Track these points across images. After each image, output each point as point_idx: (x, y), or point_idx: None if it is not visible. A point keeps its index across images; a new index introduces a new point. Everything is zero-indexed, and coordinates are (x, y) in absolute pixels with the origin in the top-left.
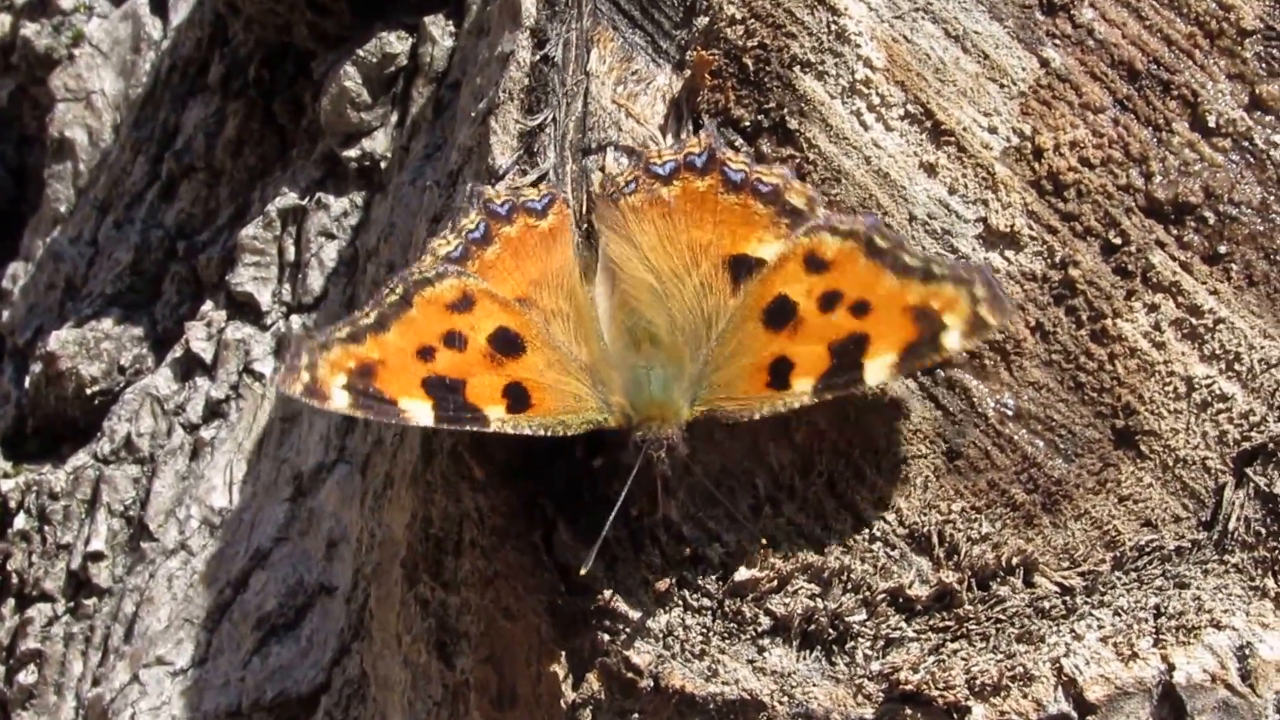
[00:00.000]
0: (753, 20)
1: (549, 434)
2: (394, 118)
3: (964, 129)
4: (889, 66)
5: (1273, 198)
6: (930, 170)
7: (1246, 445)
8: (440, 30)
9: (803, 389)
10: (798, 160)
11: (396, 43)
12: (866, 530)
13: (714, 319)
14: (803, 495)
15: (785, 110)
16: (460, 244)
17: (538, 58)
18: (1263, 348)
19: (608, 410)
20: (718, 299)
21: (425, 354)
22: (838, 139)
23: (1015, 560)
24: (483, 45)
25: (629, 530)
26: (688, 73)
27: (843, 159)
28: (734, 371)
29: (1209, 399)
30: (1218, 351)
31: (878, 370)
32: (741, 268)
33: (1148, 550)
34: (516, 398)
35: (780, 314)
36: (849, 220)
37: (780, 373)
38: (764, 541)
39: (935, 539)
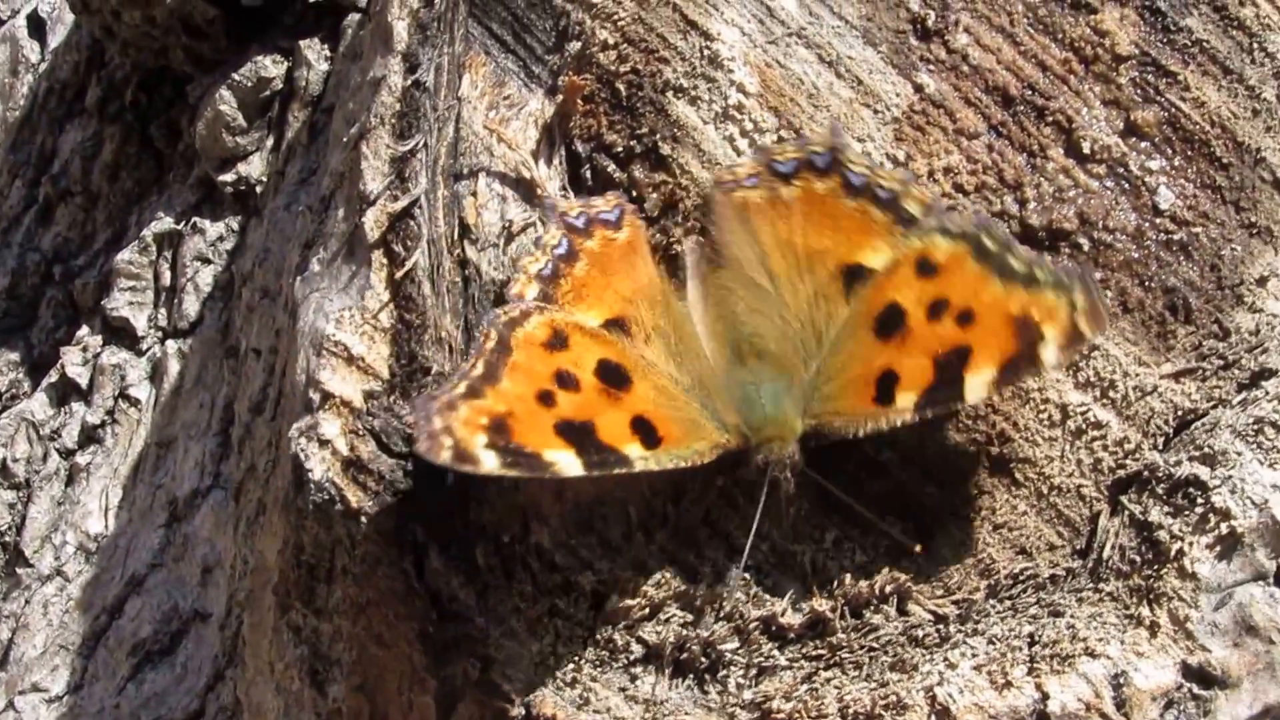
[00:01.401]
0: (625, 45)
1: (690, 465)
2: (269, 142)
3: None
4: (762, 92)
5: (1147, 224)
6: None
7: (1121, 473)
8: (316, 54)
9: (905, 405)
10: (671, 186)
11: (272, 66)
12: (739, 558)
13: (826, 329)
14: (675, 523)
15: (658, 136)
16: (549, 260)
17: (409, 83)
18: (1137, 375)
19: (726, 432)
20: (830, 308)
21: (545, 399)
22: (711, 165)
23: (889, 588)
24: (355, 70)
25: (500, 558)
26: (560, 98)
27: None
28: (843, 384)
29: (1083, 426)
30: (1092, 379)
31: (977, 386)
32: (856, 277)
33: (1022, 578)
34: (645, 432)
35: (890, 323)
36: (960, 220)
37: (886, 387)
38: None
39: (809, 567)
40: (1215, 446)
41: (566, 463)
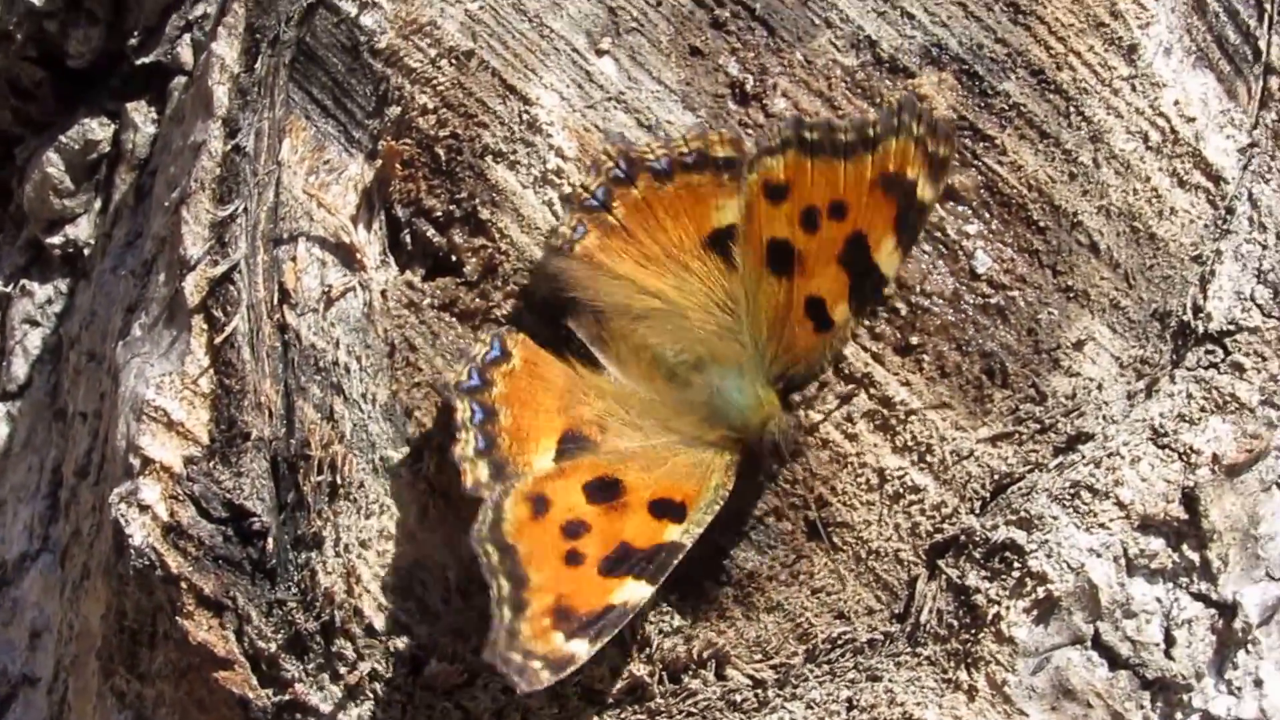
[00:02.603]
0: (445, 110)
1: (726, 498)
2: (97, 204)
3: None
4: (581, 156)
5: (964, 288)
6: None
7: (939, 537)
8: (143, 117)
9: (843, 316)
10: (490, 250)
11: (99, 129)
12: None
13: (735, 300)
14: None
15: (478, 200)
16: (475, 433)
17: (229, 147)
18: (954, 439)
19: (724, 449)
20: (724, 281)
21: (573, 558)
22: (530, 229)
23: (707, 653)
24: (177, 134)
25: (320, 623)
26: (379, 163)
27: (535, 249)
28: (781, 336)
29: (901, 491)
30: (910, 443)
31: (887, 260)
32: (723, 241)
33: (840, 642)
34: (669, 511)
35: (781, 257)
36: (772, 131)
37: (818, 312)
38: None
39: (627, 630)
40: (1032, 511)
41: (636, 591)
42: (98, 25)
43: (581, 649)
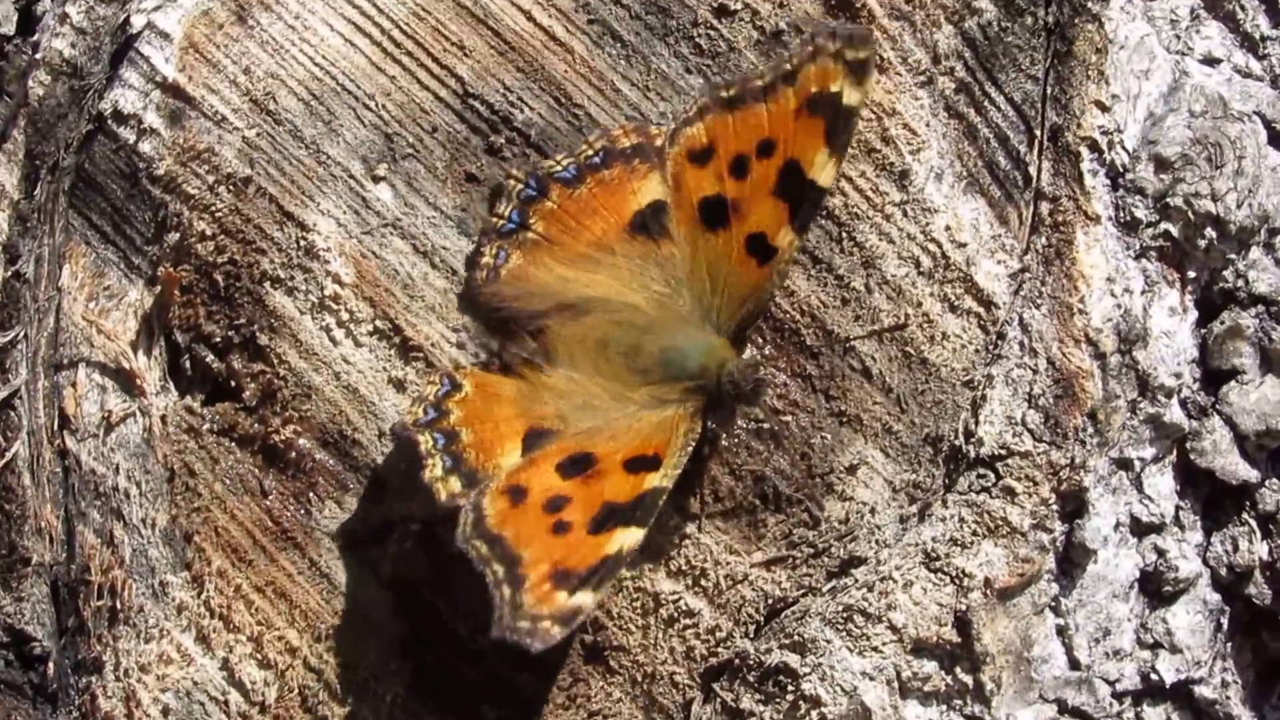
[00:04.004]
0: (223, 236)
1: (695, 441)
2: None
3: (432, 345)
4: (358, 282)
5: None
6: (399, 386)
7: (714, 660)
8: None
9: (787, 240)
10: (269, 376)
11: None
12: None
13: (667, 268)
14: (275, 712)
15: (256, 326)
16: (441, 456)
17: (9, 273)
18: (729, 563)
19: (687, 401)
20: (653, 254)
21: (562, 528)
22: (308, 355)
23: None
24: None
25: None
26: (159, 288)
27: (313, 374)
28: (727, 283)
29: (676, 614)
30: (684, 567)
31: (825, 172)
32: (651, 219)
33: None
34: (645, 464)
35: (714, 212)
36: (688, 103)
37: (761, 247)
38: None
39: None
40: (805, 634)
41: (628, 538)
42: None
43: (587, 599)
